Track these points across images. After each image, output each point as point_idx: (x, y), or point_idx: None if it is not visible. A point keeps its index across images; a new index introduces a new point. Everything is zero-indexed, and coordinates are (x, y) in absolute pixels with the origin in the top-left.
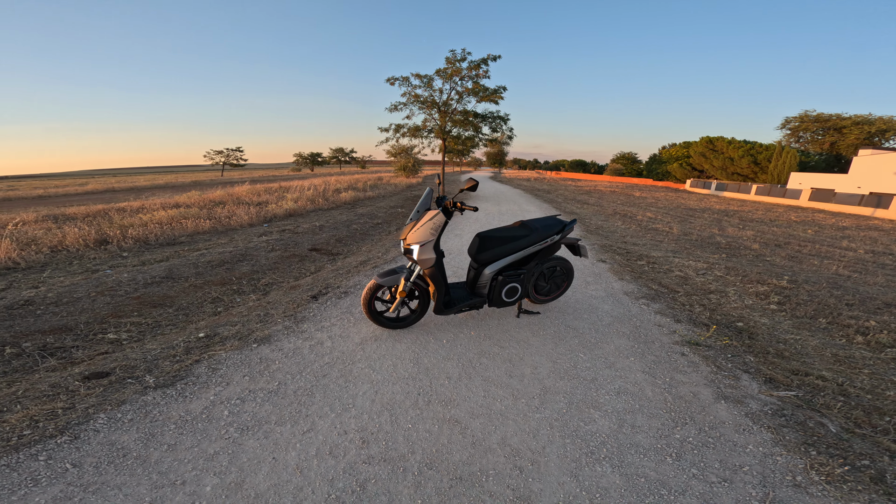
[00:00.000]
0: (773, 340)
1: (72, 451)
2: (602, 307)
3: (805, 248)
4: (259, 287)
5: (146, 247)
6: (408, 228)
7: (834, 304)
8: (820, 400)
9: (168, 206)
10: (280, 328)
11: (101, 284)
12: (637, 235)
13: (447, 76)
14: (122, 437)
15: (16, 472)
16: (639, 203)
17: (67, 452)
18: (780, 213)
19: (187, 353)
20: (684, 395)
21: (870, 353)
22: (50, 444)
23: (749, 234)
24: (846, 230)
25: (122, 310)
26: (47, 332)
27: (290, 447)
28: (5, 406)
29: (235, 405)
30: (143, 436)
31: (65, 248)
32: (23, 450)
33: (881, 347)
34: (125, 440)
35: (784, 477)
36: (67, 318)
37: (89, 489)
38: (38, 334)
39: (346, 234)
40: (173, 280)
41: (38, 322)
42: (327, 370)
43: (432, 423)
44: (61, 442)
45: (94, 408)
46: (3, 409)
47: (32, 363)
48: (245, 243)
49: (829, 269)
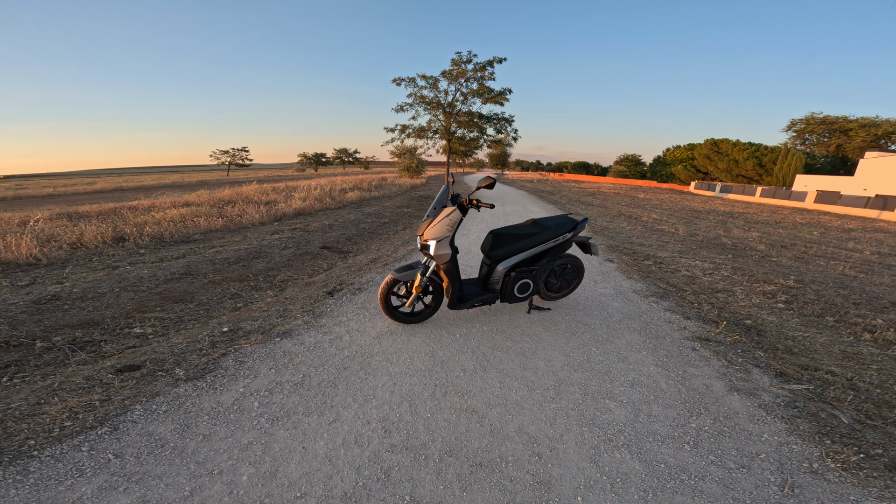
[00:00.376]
0: (781, 337)
1: (112, 441)
2: (612, 304)
3: (811, 249)
4: (275, 283)
5: (162, 244)
6: (424, 225)
7: (841, 303)
8: (831, 393)
9: (178, 204)
10: (300, 323)
11: (123, 280)
12: (643, 236)
13: (452, 78)
14: (158, 428)
15: (61, 463)
16: (643, 205)
17: (108, 443)
18: (785, 214)
19: (213, 346)
20: (697, 387)
21: (877, 349)
22: (91, 435)
23: (755, 236)
24: (852, 232)
25: (145, 305)
26: (76, 326)
27: (318, 437)
28: (44, 398)
29: (265, 397)
30: (179, 427)
31: (83, 245)
32: (66, 441)
33: (888, 344)
34: (162, 431)
35: (801, 464)
36: (94, 312)
37: (132, 479)
38: (66, 328)
39: (355, 232)
40: (192, 276)
41: (66, 316)
42: (347, 363)
43: (450, 413)
44: (102, 433)
45: (130, 399)
46: (41, 401)
47: (64, 357)
48: (258, 241)
49: (835, 270)
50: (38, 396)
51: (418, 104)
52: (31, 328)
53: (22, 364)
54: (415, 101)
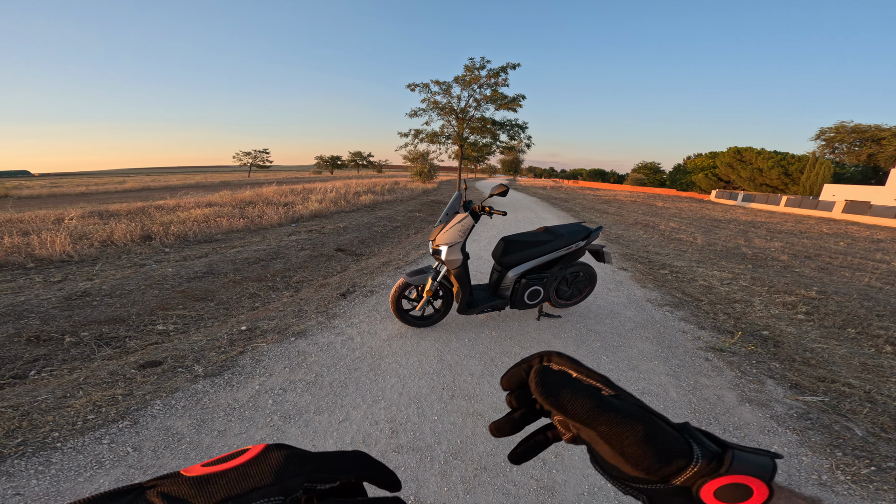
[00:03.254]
0: (799, 349)
1: (132, 435)
2: (624, 313)
3: (836, 259)
4: (291, 284)
5: (186, 243)
6: (437, 230)
7: (864, 315)
8: (846, 405)
9: (202, 204)
10: (314, 323)
11: (148, 278)
12: (659, 245)
13: (466, 83)
14: (176, 423)
15: (81, 455)
16: (661, 213)
17: (128, 436)
18: (810, 225)
19: (231, 344)
20: (709, 398)
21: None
22: (112, 429)
23: (777, 246)
24: (881, 243)
25: (168, 303)
26: (103, 322)
27: (327, 435)
28: (69, 392)
29: (278, 395)
30: (196, 422)
31: (113, 243)
32: (88, 433)
33: None
34: (179, 426)
35: (810, 476)
36: (120, 309)
37: (148, 472)
38: (94, 324)
39: (368, 235)
40: (213, 275)
41: (95, 313)
42: (358, 364)
43: (457, 416)
44: (122, 427)
45: (151, 395)
46: (67, 394)
47: (90, 352)
48: (276, 242)
49: (860, 281)
50: (64, 390)
51: (431, 109)
52: (61, 323)
53: (50, 358)
54: (428, 107)
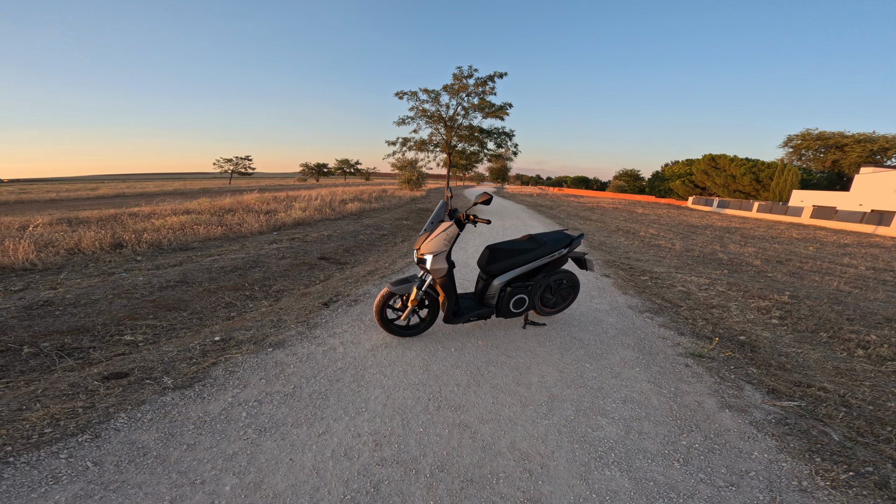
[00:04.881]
0: (775, 353)
1: (92, 449)
2: (607, 320)
3: (806, 264)
4: (271, 293)
5: (160, 251)
6: (422, 239)
7: (835, 319)
8: (822, 410)
9: (179, 211)
10: (293, 333)
11: (117, 287)
12: (640, 251)
13: (454, 92)
14: (142, 437)
15: (36, 470)
16: (641, 220)
17: (88, 451)
18: (781, 230)
19: (203, 355)
20: (689, 404)
21: (871, 366)
22: (71, 443)
23: (751, 251)
24: (847, 247)
25: (138, 312)
26: (65, 332)
27: (306, 449)
28: (25, 405)
29: (253, 407)
30: (163, 435)
31: (80, 251)
32: (44, 447)
33: (882, 360)
34: (145, 439)
35: (790, 482)
36: (85, 319)
37: (110, 487)
38: (56, 335)
39: (354, 244)
40: (187, 284)
41: (57, 322)
42: (340, 375)
43: (443, 428)
44: (82, 440)
45: (115, 407)
46: (22, 407)
47: (50, 363)
48: (256, 250)
49: (830, 285)
50: (20, 402)
51: (420, 117)
52: (19, 333)
53: (7, 370)
54: (416, 115)
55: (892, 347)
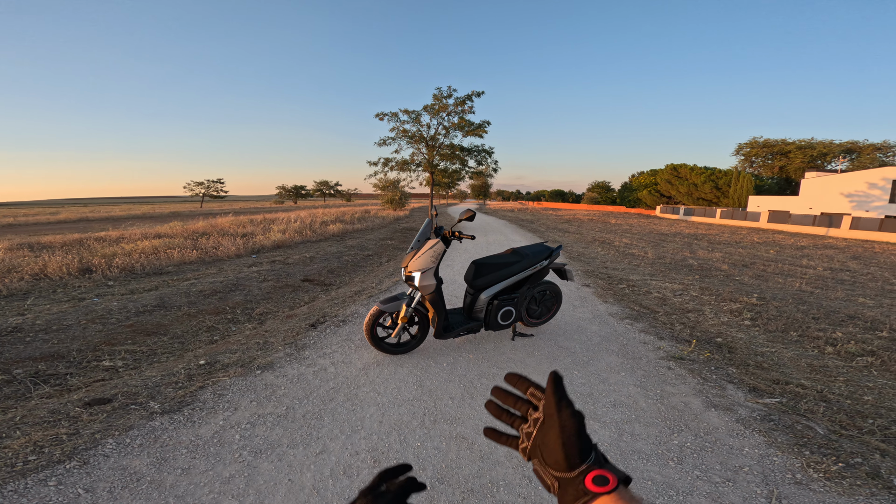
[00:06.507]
0: (751, 353)
1: (82, 476)
2: (590, 328)
3: (769, 267)
4: (254, 316)
5: (132, 276)
6: (409, 257)
7: (801, 319)
8: (803, 405)
9: (150, 235)
10: (282, 355)
11: (90, 312)
12: (616, 260)
13: (434, 112)
14: (133, 462)
15: (25, 498)
16: (615, 230)
17: (78, 477)
18: (743, 235)
19: (190, 379)
20: (676, 405)
21: (842, 362)
22: (59, 470)
23: (718, 256)
24: (805, 249)
25: (115, 337)
26: (38, 359)
27: (304, 469)
28: (4, 432)
29: (246, 429)
30: (156, 460)
31: (47, 277)
32: (30, 475)
33: (851, 356)
34: (137, 465)
35: (784, 475)
36: (58, 345)
37: None
38: (28, 361)
39: (338, 265)
40: (166, 309)
41: (28, 349)
42: (333, 394)
43: (440, 441)
44: (70, 467)
45: (101, 433)
46: (2, 435)
47: (25, 390)
48: (235, 273)
49: (793, 286)
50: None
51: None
52: None
53: None
54: (397, 135)
55: (858, 344)
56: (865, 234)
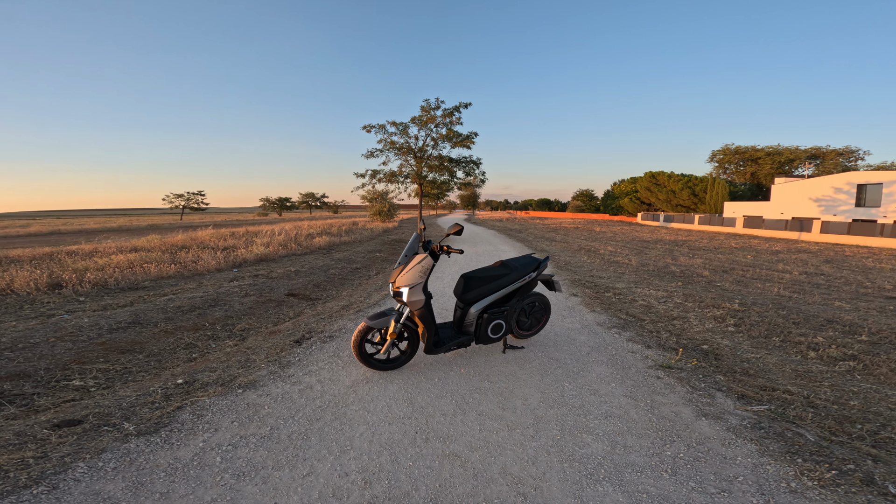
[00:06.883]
0: (737, 360)
1: (51, 501)
2: (579, 338)
3: (748, 272)
4: (235, 333)
5: (106, 291)
6: (396, 272)
7: (782, 324)
8: (792, 412)
9: (125, 249)
10: (265, 373)
11: (59, 329)
12: (602, 269)
13: (422, 123)
14: (107, 487)
15: None
16: (599, 237)
17: (47, 503)
18: (721, 240)
19: (167, 399)
20: (667, 415)
21: (825, 366)
22: (25, 495)
23: (699, 262)
24: (780, 254)
25: (86, 356)
26: (3, 378)
27: (291, 491)
28: None
29: (227, 451)
30: (131, 485)
31: (13, 292)
32: None
33: (833, 361)
34: (111, 489)
35: (779, 484)
36: (25, 363)
37: None
38: None
39: (324, 278)
40: (141, 325)
41: None
42: (320, 413)
43: (433, 460)
44: (38, 492)
45: (71, 456)
46: None
47: None
48: (215, 288)
49: (771, 291)
50: None
51: (389, 150)
52: None
53: None
54: (385, 147)
55: (839, 348)
56: (835, 237)
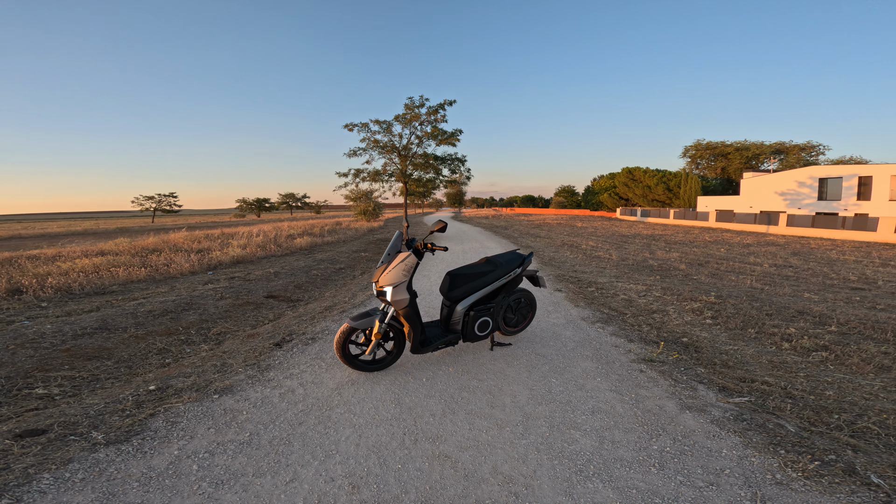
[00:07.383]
0: (716, 352)
1: None
2: (564, 333)
3: (722, 265)
4: (210, 336)
5: (70, 296)
6: (379, 271)
7: (756, 315)
8: (771, 403)
9: (91, 253)
10: (242, 378)
11: (19, 336)
12: (584, 264)
13: (406, 121)
14: (75, 498)
15: None
16: (581, 233)
17: None
18: (696, 234)
19: (138, 406)
20: (652, 409)
21: (799, 357)
22: None
23: (675, 256)
24: (751, 247)
25: (49, 363)
26: None
27: (273, 498)
28: None
29: (204, 459)
30: (102, 495)
31: None
32: None
33: (807, 352)
34: (80, 500)
35: (765, 476)
36: None
37: None
38: None
39: (306, 280)
40: (109, 331)
41: None
42: (303, 417)
43: (422, 461)
44: None
45: (35, 467)
46: None
47: None
48: (189, 292)
49: (745, 283)
50: None
51: (372, 148)
52: None
53: None
54: (368, 146)
55: (811, 339)
56: (801, 230)
